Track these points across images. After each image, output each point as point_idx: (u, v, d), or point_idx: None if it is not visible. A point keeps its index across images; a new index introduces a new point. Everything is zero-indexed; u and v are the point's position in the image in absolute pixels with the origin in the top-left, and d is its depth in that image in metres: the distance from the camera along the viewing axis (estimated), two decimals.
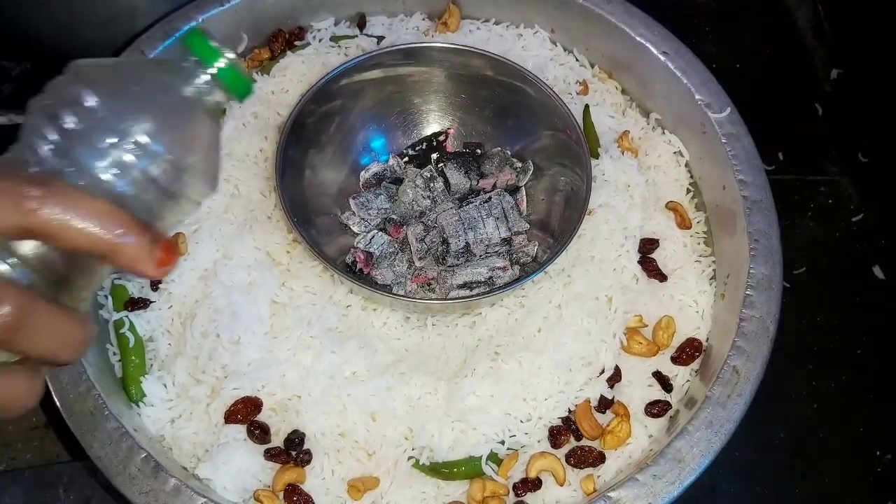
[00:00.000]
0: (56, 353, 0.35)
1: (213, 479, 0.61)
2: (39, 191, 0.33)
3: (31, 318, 0.33)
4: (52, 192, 0.33)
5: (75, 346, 0.35)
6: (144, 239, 0.35)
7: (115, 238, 0.34)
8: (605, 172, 0.75)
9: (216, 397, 0.64)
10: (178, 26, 0.77)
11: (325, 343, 0.66)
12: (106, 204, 0.34)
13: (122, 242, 0.34)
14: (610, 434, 0.64)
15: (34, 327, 0.33)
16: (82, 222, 0.33)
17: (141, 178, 0.35)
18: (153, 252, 0.35)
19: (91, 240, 0.33)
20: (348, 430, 0.64)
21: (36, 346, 0.34)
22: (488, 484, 0.62)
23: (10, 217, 0.32)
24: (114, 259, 0.34)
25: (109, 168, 0.34)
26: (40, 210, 0.33)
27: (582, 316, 0.67)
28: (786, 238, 0.70)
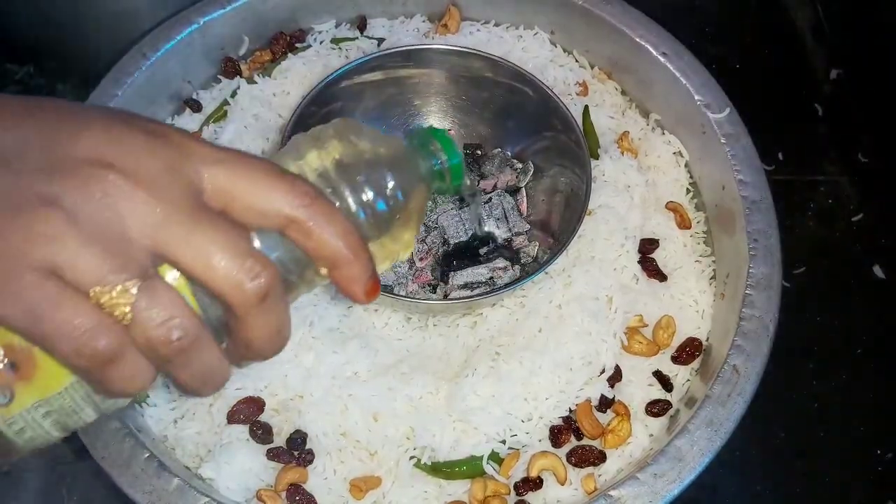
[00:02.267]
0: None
1: (216, 478, 0.62)
2: (314, 192, 0.36)
3: (273, 298, 0.35)
4: (320, 195, 0.37)
5: (277, 347, 0.37)
6: (370, 265, 0.38)
7: (352, 252, 0.37)
8: (605, 173, 0.75)
9: (219, 397, 0.65)
10: (181, 29, 0.78)
11: (326, 343, 0.66)
12: (351, 225, 0.38)
13: (354, 259, 0.37)
14: (611, 433, 0.64)
15: (271, 309, 0.35)
16: (334, 230, 0.36)
17: (371, 214, 0.40)
18: (370, 280, 0.38)
19: (336, 246, 0.36)
20: (350, 429, 0.64)
21: (260, 327, 0.35)
22: (490, 483, 0.62)
23: (284, 207, 0.35)
24: (340, 270, 0.37)
25: (356, 200, 0.39)
26: (310, 208, 0.36)
27: (582, 316, 0.68)
28: (785, 238, 0.70)
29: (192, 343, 0.33)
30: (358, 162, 0.39)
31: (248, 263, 0.34)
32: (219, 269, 0.33)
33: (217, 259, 0.33)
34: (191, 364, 0.34)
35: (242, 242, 0.34)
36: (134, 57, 0.76)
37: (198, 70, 0.81)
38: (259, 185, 0.35)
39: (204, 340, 0.34)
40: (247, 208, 0.35)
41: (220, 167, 0.35)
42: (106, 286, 0.31)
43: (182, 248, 0.33)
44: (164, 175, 0.33)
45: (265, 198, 0.35)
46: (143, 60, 0.76)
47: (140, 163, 0.33)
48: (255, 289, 0.34)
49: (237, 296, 0.34)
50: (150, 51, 0.77)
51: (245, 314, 0.34)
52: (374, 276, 0.38)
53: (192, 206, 0.34)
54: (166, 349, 0.33)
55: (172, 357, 0.33)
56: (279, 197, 0.35)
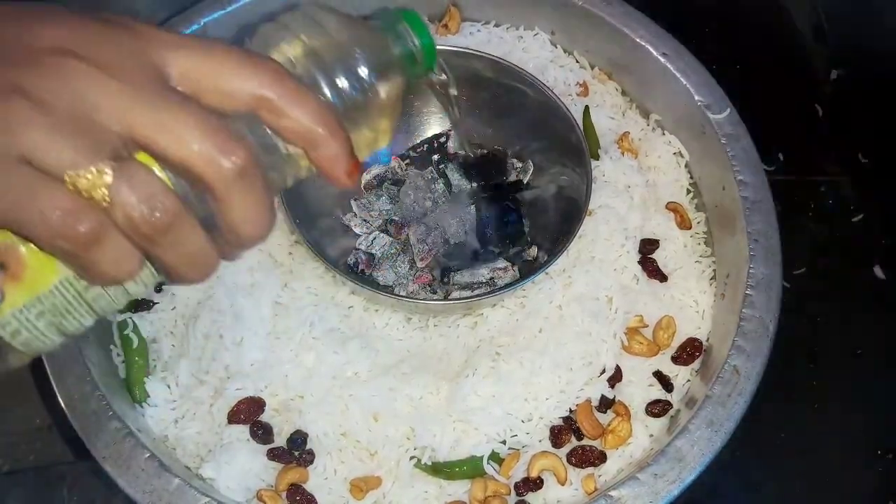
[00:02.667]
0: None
1: (217, 478, 0.62)
2: (281, 70, 0.36)
3: (251, 176, 0.34)
4: (288, 75, 0.36)
5: (263, 229, 0.36)
6: (348, 143, 0.37)
7: (326, 130, 0.36)
8: (605, 173, 0.75)
9: (219, 398, 0.65)
10: (181, 29, 0.78)
11: (327, 344, 0.66)
12: (326, 102, 0.37)
13: (331, 137, 0.36)
14: (611, 433, 0.64)
15: (250, 187, 0.34)
16: (307, 107, 0.36)
17: (346, 100, 0.38)
18: (350, 158, 0.37)
19: (310, 125, 0.36)
20: (350, 430, 0.64)
21: (242, 207, 0.34)
22: (490, 483, 0.62)
23: (250, 85, 0.35)
24: (318, 150, 0.36)
25: (330, 87, 0.38)
26: (279, 85, 0.35)
27: (583, 316, 0.68)
28: (786, 238, 0.70)
29: (173, 220, 0.33)
30: (328, 48, 0.38)
31: (220, 139, 0.33)
32: (193, 148, 0.33)
33: (190, 137, 0.33)
34: (176, 245, 0.34)
35: (213, 119, 0.34)
36: None
37: None
38: (225, 67, 0.35)
39: (186, 219, 0.34)
40: (215, 91, 0.35)
41: (185, 51, 0.34)
42: (80, 170, 0.31)
43: (153, 129, 0.32)
44: (128, 60, 0.33)
45: (232, 79, 0.35)
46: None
47: (102, 49, 0.33)
48: (232, 165, 0.33)
49: (214, 173, 0.33)
50: None
51: (225, 193, 0.34)
52: (353, 156, 0.38)
53: (160, 88, 0.33)
54: (148, 228, 0.33)
55: (155, 236, 0.33)
56: (247, 77, 0.35)
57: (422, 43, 0.43)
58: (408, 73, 0.43)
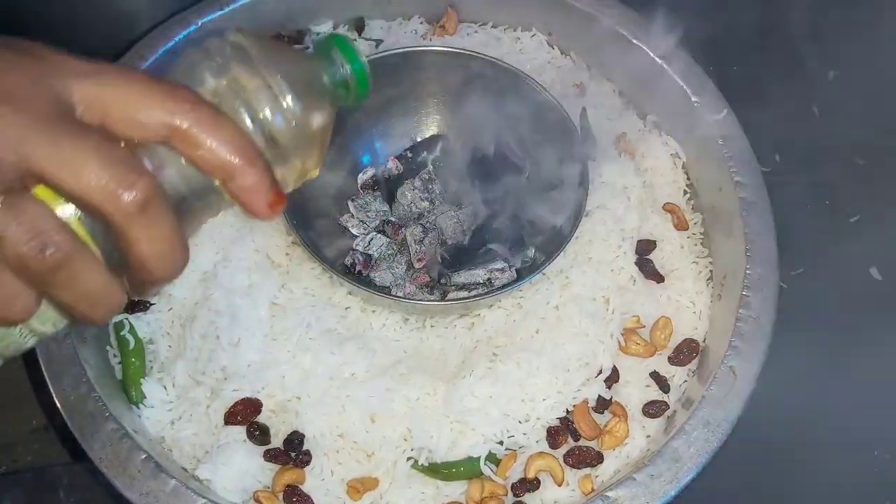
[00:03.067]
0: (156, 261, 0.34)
1: (213, 480, 0.62)
2: (195, 98, 0.34)
3: (156, 209, 0.33)
4: (205, 103, 0.35)
5: (172, 265, 0.35)
6: (268, 174, 0.36)
7: (243, 160, 0.35)
8: (602, 174, 0.75)
9: (216, 399, 0.65)
10: (178, 31, 0.78)
11: (324, 344, 0.66)
12: (243, 131, 0.36)
13: (249, 168, 0.35)
14: (608, 434, 0.64)
15: (155, 221, 0.33)
16: (226, 136, 0.34)
17: (267, 129, 0.37)
18: (270, 190, 0.36)
19: (226, 156, 0.34)
20: (347, 430, 0.64)
21: (147, 242, 0.33)
22: (487, 484, 0.62)
23: (163, 115, 0.33)
24: (235, 181, 0.35)
25: (250, 112, 0.37)
26: (193, 115, 0.34)
27: (580, 317, 0.68)
28: (782, 239, 0.70)
29: (66, 258, 0.32)
30: (253, 77, 0.37)
31: (121, 171, 0.32)
32: (90, 180, 0.31)
33: (87, 169, 0.31)
34: (72, 284, 0.32)
35: (115, 151, 0.32)
36: (132, 58, 0.76)
37: None
38: (135, 95, 0.33)
39: (82, 256, 0.32)
40: (124, 121, 0.33)
41: (92, 79, 0.33)
42: None
43: (49, 161, 0.31)
44: (29, 89, 0.32)
45: (142, 108, 0.33)
46: (141, 62, 0.76)
47: (4, 78, 0.32)
48: (132, 198, 0.32)
49: (113, 207, 0.32)
50: (148, 52, 0.77)
51: (126, 228, 0.32)
52: (274, 186, 0.36)
53: (60, 119, 0.32)
54: (39, 265, 0.31)
55: (48, 275, 0.32)
56: (157, 105, 0.33)
57: (353, 69, 0.41)
58: (341, 100, 0.42)
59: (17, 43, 0.33)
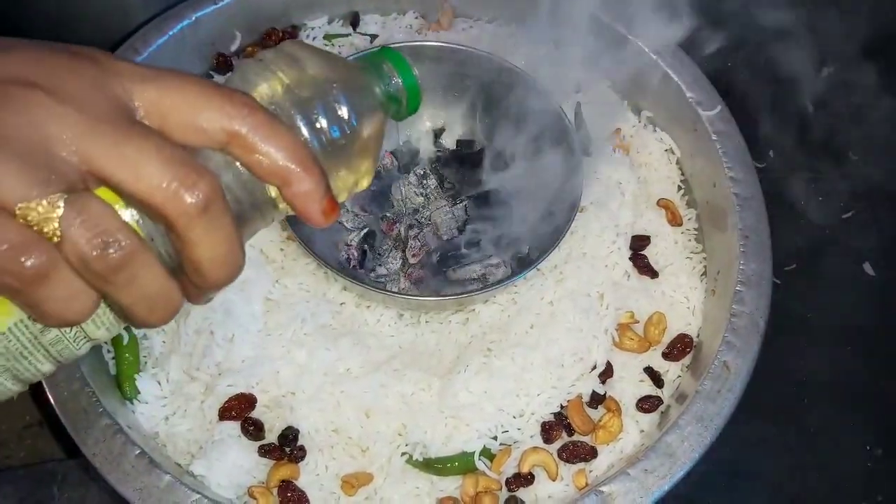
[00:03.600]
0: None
1: (208, 475, 0.62)
2: (251, 102, 0.35)
3: (217, 212, 0.32)
4: (262, 109, 0.35)
5: (229, 270, 0.35)
6: (324, 181, 0.36)
7: (300, 167, 0.35)
8: (597, 170, 0.75)
9: (210, 394, 0.65)
10: (173, 24, 0.78)
11: (318, 340, 0.66)
12: (300, 138, 0.36)
13: (305, 174, 0.35)
14: (602, 429, 0.65)
15: (215, 224, 0.33)
16: (280, 142, 0.34)
17: (325, 141, 0.37)
18: (325, 196, 0.36)
19: (283, 161, 0.34)
20: (342, 426, 0.64)
21: (206, 245, 0.33)
22: (481, 479, 0.63)
23: (221, 119, 0.33)
24: (291, 187, 0.35)
25: (309, 127, 0.37)
26: (251, 119, 0.34)
27: (574, 312, 0.68)
28: (776, 235, 0.70)
29: (128, 258, 0.31)
30: (309, 87, 0.37)
31: (182, 171, 0.32)
32: (151, 180, 0.31)
33: (149, 170, 0.31)
34: (133, 285, 0.32)
35: (177, 152, 0.32)
36: (126, 52, 0.76)
37: (190, 65, 0.80)
38: (194, 100, 0.34)
39: (144, 257, 0.32)
40: (183, 125, 0.33)
41: (151, 84, 0.33)
42: (31, 202, 0.30)
43: (111, 160, 0.31)
44: (91, 92, 0.32)
45: (201, 112, 0.33)
46: (134, 55, 0.76)
47: (65, 81, 0.32)
48: (194, 199, 0.32)
49: (174, 208, 0.32)
50: (141, 46, 0.77)
51: (186, 229, 0.32)
52: (329, 194, 0.36)
53: (122, 120, 0.32)
54: (101, 265, 0.31)
55: (109, 275, 0.31)
56: (216, 110, 0.34)
57: (405, 84, 0.42)
58: (391, 113, 0.42)
59: (77, 49, 0.33)
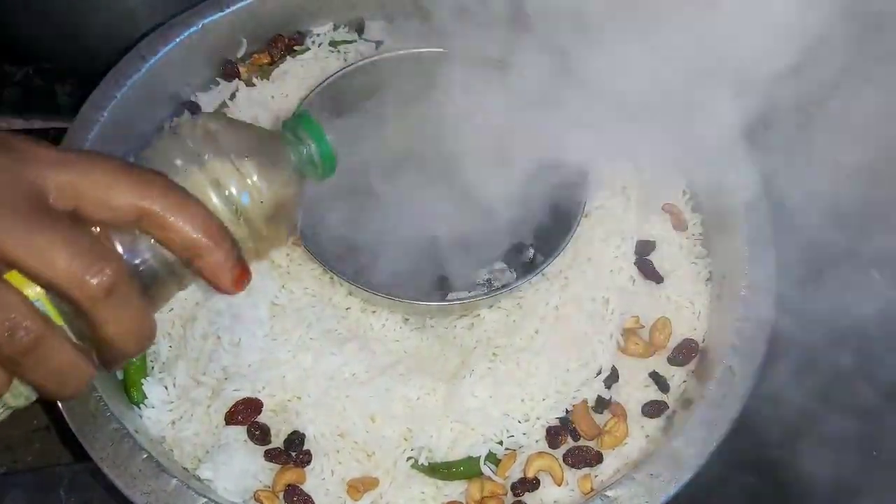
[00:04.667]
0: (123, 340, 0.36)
1: (214, 479, 0.62)
2: (166, 182, 0.37)
3: (122, 292, 0.34)
4: (175, 186, 0.37)
5: (137, 342, 0.37)
6: (233, 252, 0.38)
7: (209, 240, 0.37)
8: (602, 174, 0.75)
9: (216, 399, 0.65)
10: (179, 31, 0.78)
11: (324, 345, 0.66)
12: (211, 212, 0.38)
13: (215, 247, 0.37)
14: (607, 434, 0.65)
15: (121, 303, 0.35)
16: (194, 218, 0.36)
17: (235, 207, 0.40)
18: (235, 267, 0.38)
19: (194, 236, 0.36)
20: (348, 430, 0.64)
21: (113, 323, 0.35)
22: (487, 484, 0.63)
23: (133, 198, 0.36)
24: (200, 261, 0.37)
25: (218, 192, 0.39)
26: (162, 198, 0.36)
27: (579, 317, 0.68)
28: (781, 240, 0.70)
29: (36, 342, 0.33)
30: (224, 160, 0.40)
31: (87, 258, 0.34)
32: (58, 267, 0.33)
33: (55, 257, 0.33)
34: (42, 364, 0.34)
35: (84, 238, 0.34)
36: (133, 59, 0.76)
37: (196, 72, 0.81)
38: (106, 180, 0.35)
39: (51, 339, 0.34)
40: (96, 204, 0.35)
41: (64, 167, 0.35)
42: None
43: (20, 249, 0.33)
44: (4, 181, 0.34)
45: (113, 192, 0.35)
46: (141, 63, 0.76)
47: None
48: (98, 282, 0.34)
49: (80, 292, 0.34)
50: (148, 53, 0.77)
51: (93, 310, 0.34)
52: (239, 263, 0.38)
53: (33, 208, 0.34)
54: (9, 349, 0.33)
55: (19, 358, 0.33)
56: (127, 189, 0.35)
57: (319, 150, 0.44)
58: (310, 176, 0.44)
59: None
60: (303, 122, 0.44)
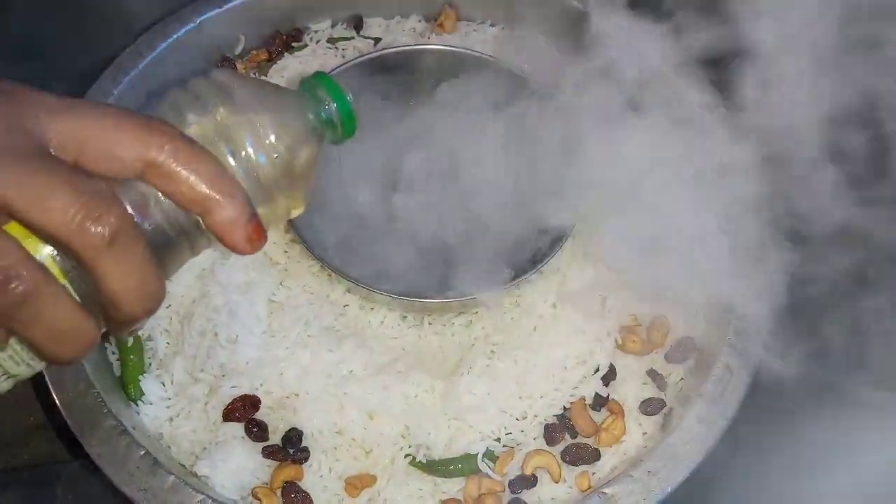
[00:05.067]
0: (127, 298, 0.33)
1: (212, 476, 0.62)
2: (171, 130, 0.34)
3: (126, 242, 0.32)
4: (182, 136, 0.34)
5: (144, 302, 0.34)
6: (247, 208, 0.35)
7: (220, 194, 0.34)
8: None
9: (214, 395, 0.65)
10: (177, 28, 0.78)
11: (322, 342, 0.66)
12: (222, 165, 0.35)
13: (228, 202, 0.34)
14: (605, 431, 0.65)
15: (125, 255, 0.32)
16: (203, 169, 0.34)
17: (250, 167, 0.37)
18: (249, 224, 0.35)
19: (204, 189, 0.34)
20: (345, 427, 0.64)
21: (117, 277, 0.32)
22: (484, 481, 0.63)
23: (139, 149, 0.33)
24: (213, 215, 0.34)
25: (233, 151, 0.37)
26: (169, 148, 0.33)
27: (577, 315, 0.68)
28: None
29: (31, 292, 0.31)
30: (236, 116, 0.37)
31: (88, 202, 0.31)
32: (56, 214, 0.31)
33: (54, 203, 0.31)
34: (38, 320, 0.32)
35: (84, 184, 0.32)
36: (131, 55, 0.76)
37: (194, 69, 0.81)
38: (111, 130, 0.33)
39: (49, 291, 0.32)
40: (100, 156, 0.33)
41: (67, 115, 0.33)
42: None
43: (18, 195, 0.31)
44: (2, 127, 0.32)
45: (118, 142, 0.33)
46: (139, 59, 0.76)
47: None
48: (100, 230, 0.31)
49: (80, 241, 0.31)
50: (146, 49, 0.77)
51: (94, 261, 0.32)
52: (253, 220, 0.35)
53: (32, 155, 0.32)
54: (3, 299, 0.31)
55: (13, 310, 0.31)
56: (133, 139, 0.33)
57: (339, 109, 0.42)
58: (328, 138, 0.42)
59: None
60: (321, 82, 0.42)
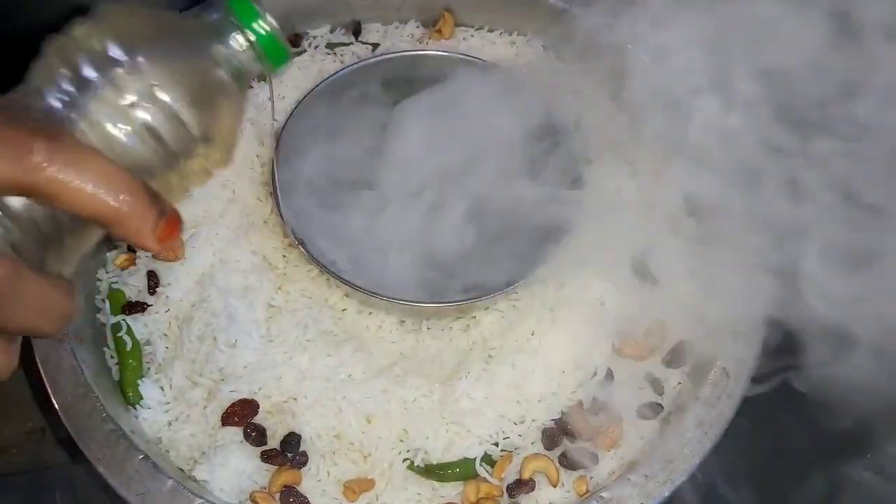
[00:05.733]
0: (37, 326, 0.32)
1: (210, 480, 0.62)
2: (46, 144, 0.30)
3: (16, 289, 0.31)
4: (60, 147, 0.30)
5: (58, 319, 0.33)
6: (151, 210, 0.32)
7: (120, 205, 0.31)
8: (598, 177, 0.75)
9: (213, 400, 0.65)
10: None
11: (320, 346, 0.67)
12: (114, 166, 0.31)
13: (126, 211, 0.31)
14: (602, 435, 0.65)
15: (18, 298, 0.31)
16: (89, 185, 0.30)
17: (153, 138, 0.32)
18: (157, 225, 0.33)
19: (95, 205, 0.31)
20: (344, 432, 0.64)
21: (17, 318, 0.31)
22: (482, 485, 0.63)
23: (11, 171, 0.30)
24: (115, 228, 0.32)
25: (122, 124, 0.32)
26: (46, 167, 0.30)
27: (574, 319, 0.68)
28: None
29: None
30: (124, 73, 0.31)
31: None
32: None
33: None
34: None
35: None
36: None
37: None
38: None
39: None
40: None
41: None
42: None
43: None
44: None
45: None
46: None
47: None
48: None
49: None
50: None
51: None
52: (162, 219, 0.32)
53: None
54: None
55: None
56: (4, 162, 0.29)
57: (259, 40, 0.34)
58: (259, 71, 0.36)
59: None
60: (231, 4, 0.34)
